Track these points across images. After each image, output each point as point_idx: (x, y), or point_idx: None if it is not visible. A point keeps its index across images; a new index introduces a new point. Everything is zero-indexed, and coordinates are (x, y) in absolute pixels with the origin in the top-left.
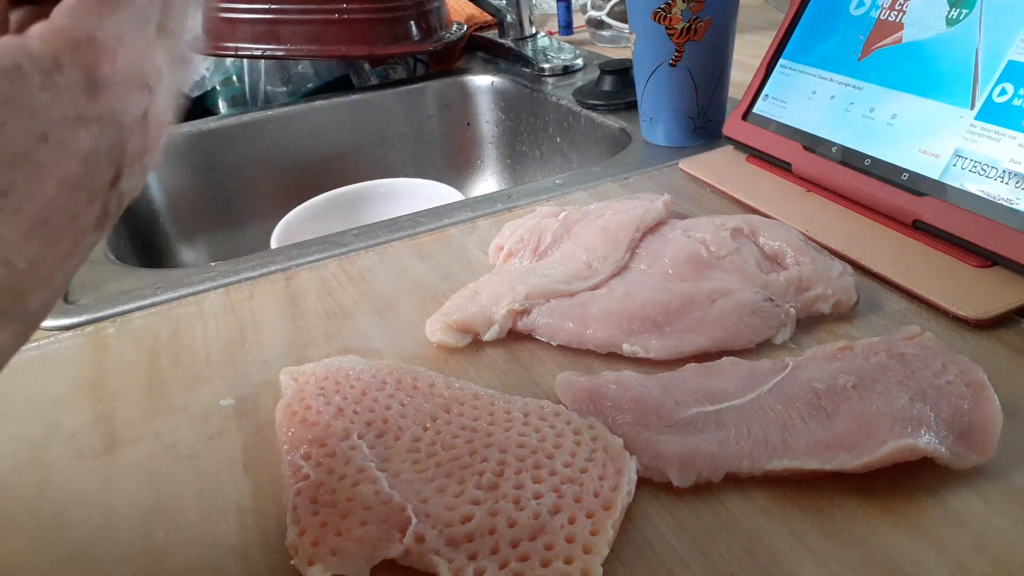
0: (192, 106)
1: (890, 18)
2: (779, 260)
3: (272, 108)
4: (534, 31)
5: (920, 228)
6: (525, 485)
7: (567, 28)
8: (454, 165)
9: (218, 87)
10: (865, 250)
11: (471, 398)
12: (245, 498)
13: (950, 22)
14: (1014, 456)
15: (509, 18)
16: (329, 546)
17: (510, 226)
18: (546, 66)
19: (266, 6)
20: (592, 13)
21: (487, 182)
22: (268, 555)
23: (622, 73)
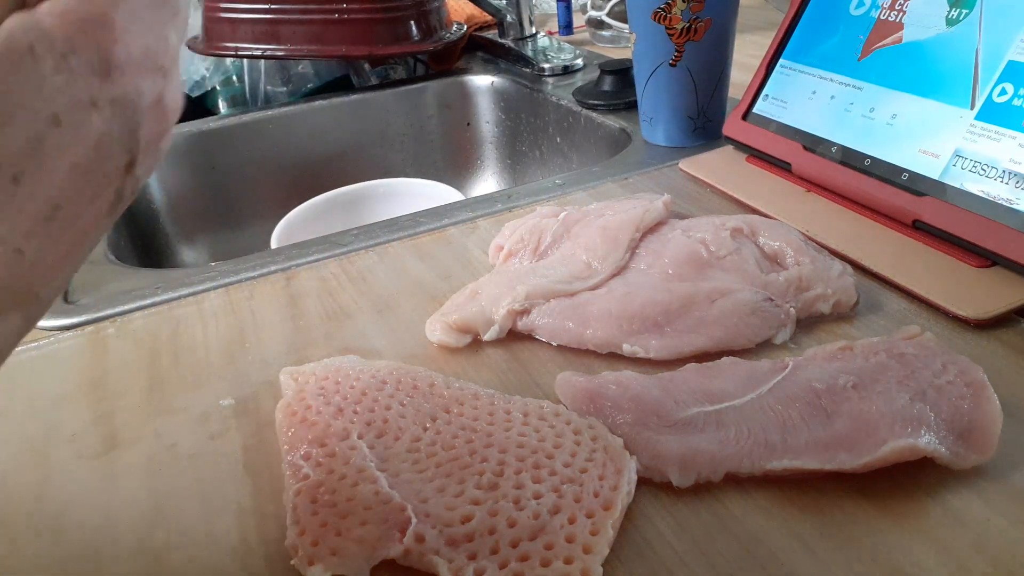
0: (192, 106)
1: (890, 18)
2: (779, 260)
3: (272, 108)
4: (534, 31)
5: (920, 228)
6: (525, 485)
7: (567, 28)
8: (454, 165)
9: (218, 87)
10: (865, 250)
11: (471, 398)
12: (245, 498)
13: (950, 22)
14: (1014, 456)
15: (509, 18)
16: (329, 546)
17: (510, 226)
18: (546, 66)
19: (266, 6)
20: (592, 13)
21: (487, 182)
22: (268, 555)
23: (622, 73)
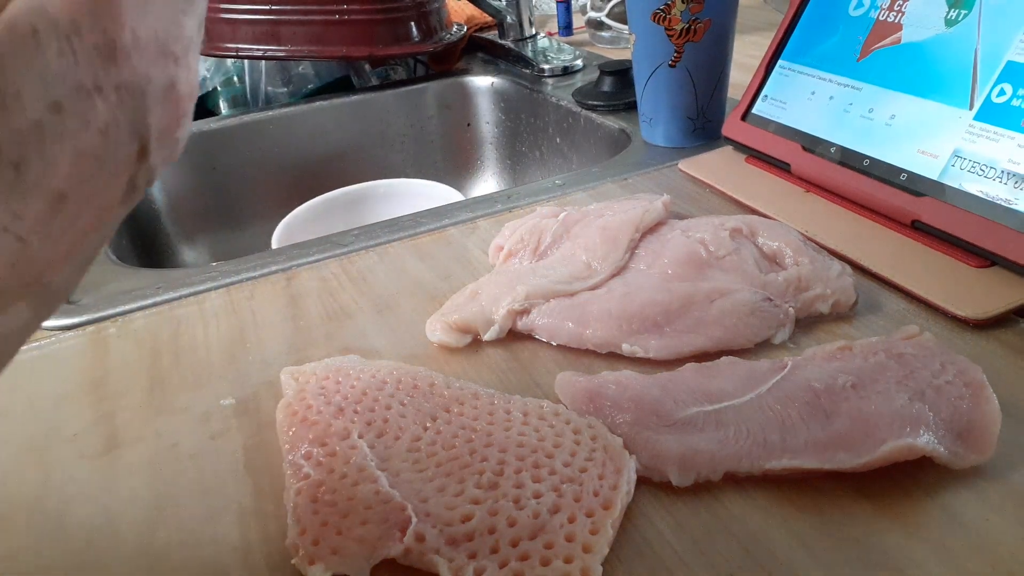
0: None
1: (889, 19)
2: (778, 260)
3: (273, 109)
4: (534, 32)
5: (919, 228)
6: (525, 484)
7: (567, 29)
8: (454, 165)
9: (219, 88)
10: (864, 250)
11: (471, 398)
12: (246, 498)
13: (949, 23)
14: (1013, 456)
15: (509, 19)
16: (330, 545)
17: (510, 226)
18: (546, 67)
19: (267, 7)
20: (592, 14)
21: (487, 182)
22: (269, 554)
23: (622, 74)
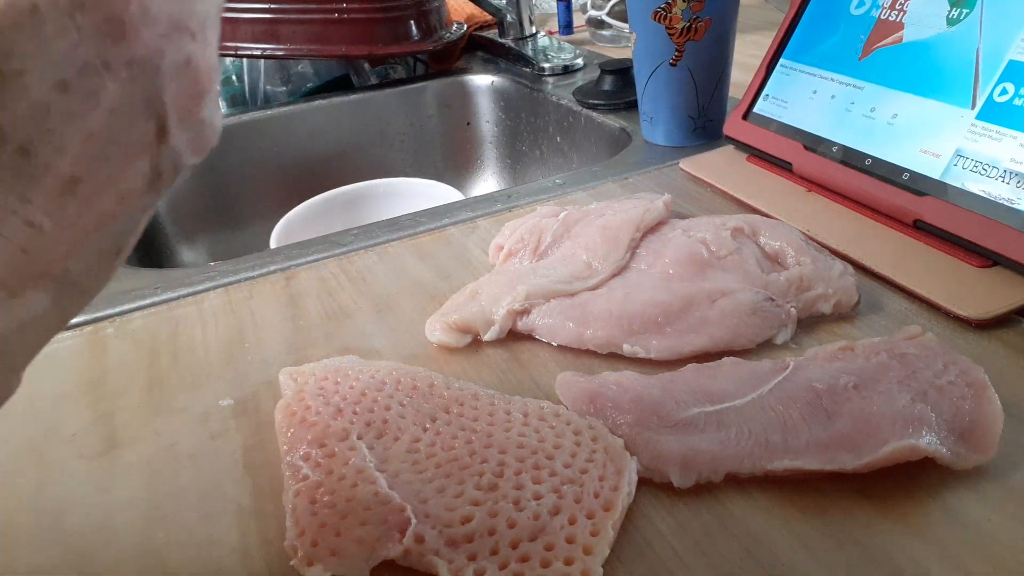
0: None
1: (891, 18)
2: (780, 260)
3: (272, 108)
4: (534, 31)
5: (921, 228)
6: (525, 486)
7: (567, 28)
8: (454, 165)
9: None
10: (866, 250)
11: (471, 398)
12: (245, 498)
13: (951, 22)
14: (1015, 456)
15: (509, 18)
16: (328, 546)
17: (510, 226)
18: (546, 66)
19: (266, 6)
20: (592, 13)
21: (487, 182)
22: (268, 555)
23: (622, 73)
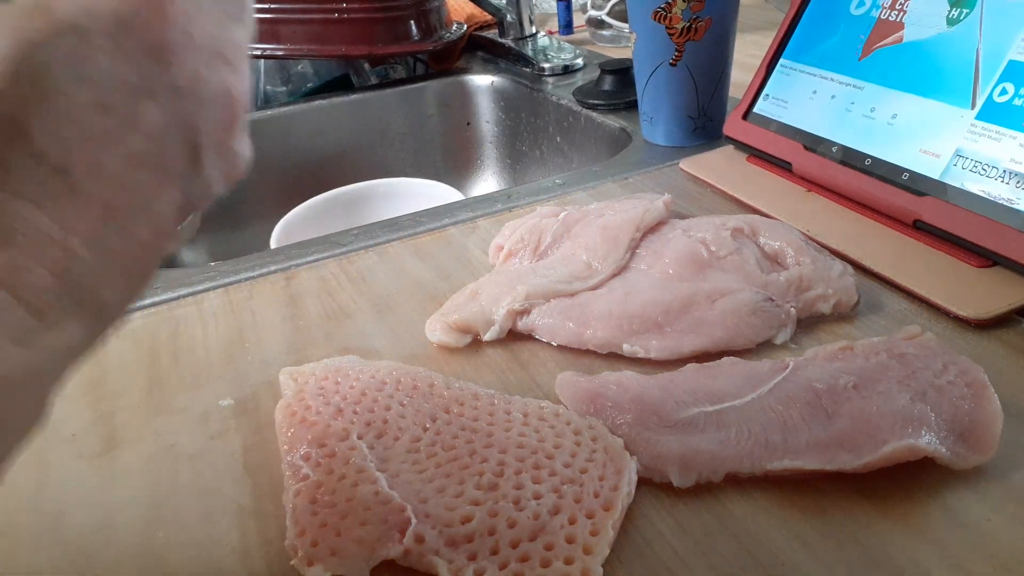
0: None
1: (891, 18)
2: (780, 260)
3: (272, 108)
4: (534, 31)
5: (921, 228)
6: (525, 485)
7: (567, 28)
8: (454, 165)
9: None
10: (866, 250)
11: (471, 398)
12: (245, 498)
13: (951, 22)
14: (1015, 456)
15: (509, 18)
16: (329, 546)
17: (510, 226)
18: (546, 66)
19: (266, 6)
20: (592, 13)
21: (487, 182)
22: (268, 555)
23: (622, 73)
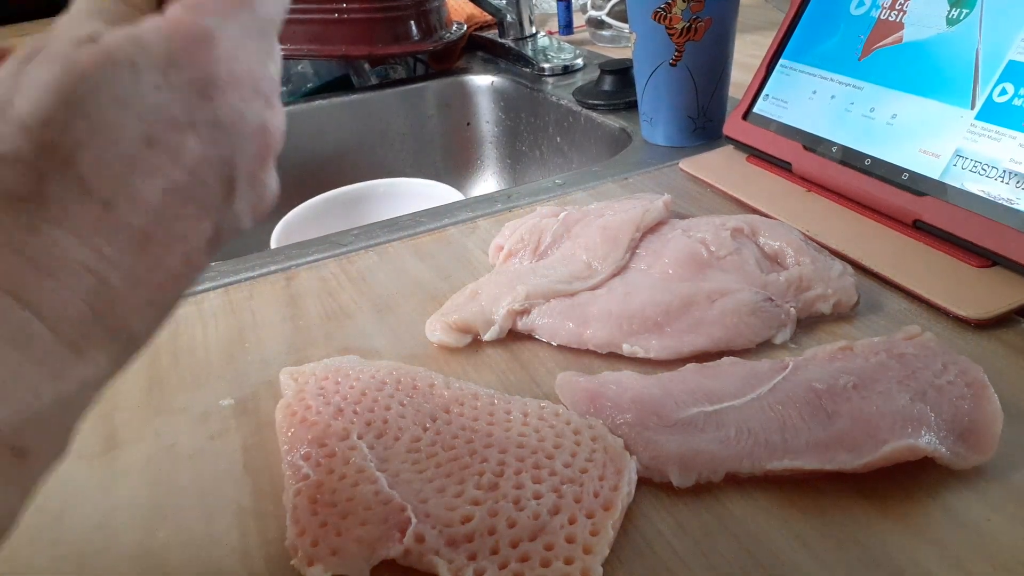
0: None
1: (890, 18)
2: (779, 260)
3: None
4: (534, 31)
5: (920, 228)
6: (525, 485)
7: (567, 28)
8: (454, 165)
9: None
10: (865, 250)
11: (471, 398)
12: (245, 498)
13: (950, 22)
14: (1014, 456)
15: (509, 18)
16: (329, 546)
17: (510, 226)
18: (546, 66)
19: None
20: (592, 13)
21: (487, 182)
22: (268, 555)
23: (622, 73)
